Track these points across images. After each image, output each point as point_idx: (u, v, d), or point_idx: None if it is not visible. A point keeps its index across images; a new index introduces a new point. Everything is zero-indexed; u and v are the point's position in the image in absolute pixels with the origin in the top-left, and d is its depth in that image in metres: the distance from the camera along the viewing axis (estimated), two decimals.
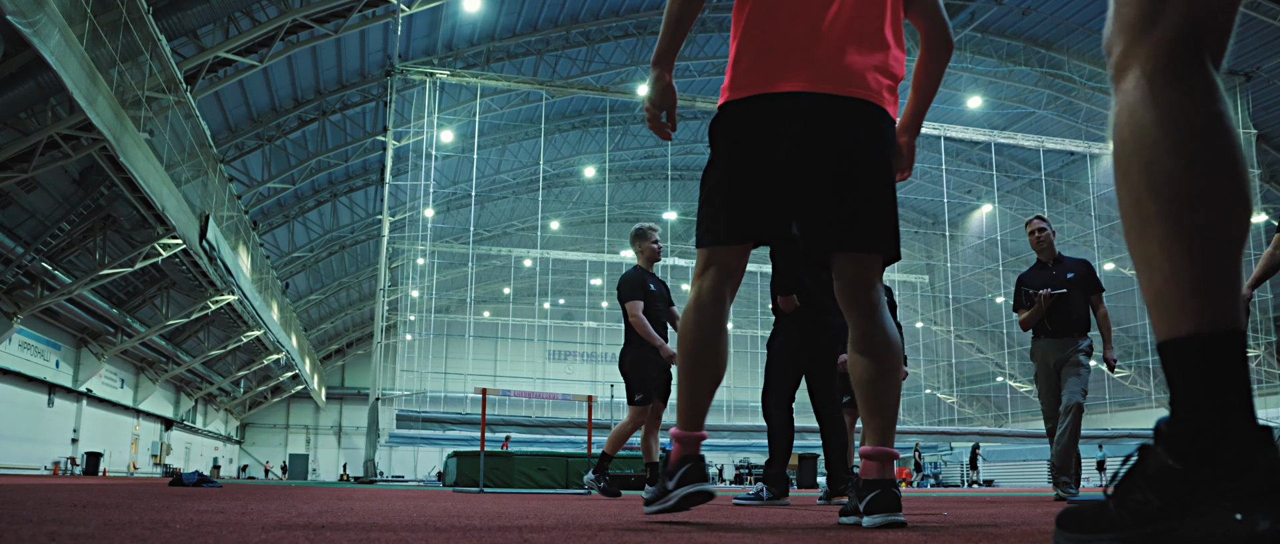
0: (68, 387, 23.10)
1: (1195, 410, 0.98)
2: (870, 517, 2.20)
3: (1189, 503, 0.96)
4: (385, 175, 23.18)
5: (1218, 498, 0.93)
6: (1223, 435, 0.95)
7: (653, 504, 2.42)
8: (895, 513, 2.19)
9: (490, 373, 40.91)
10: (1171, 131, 1.01)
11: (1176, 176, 1.00)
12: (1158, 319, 1.02)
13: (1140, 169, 1.02)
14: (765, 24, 2.32)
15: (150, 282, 23.94)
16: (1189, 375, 0.98)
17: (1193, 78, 1.03)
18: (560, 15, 24.76)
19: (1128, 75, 1.07)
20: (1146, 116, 1.03)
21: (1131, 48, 1.07)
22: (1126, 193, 1.05)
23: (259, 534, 1.61)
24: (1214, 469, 0.95)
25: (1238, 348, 0.98)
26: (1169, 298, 1.00)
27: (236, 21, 18.15)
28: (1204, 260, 0.99)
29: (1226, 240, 0.99)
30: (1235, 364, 0.97)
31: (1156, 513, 1.00)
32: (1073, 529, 1.13)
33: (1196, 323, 0.98)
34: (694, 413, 2.39)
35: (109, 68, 12.92)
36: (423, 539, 1.58)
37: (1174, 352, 1.00)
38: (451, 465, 12.37)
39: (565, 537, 1.71)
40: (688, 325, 2.36)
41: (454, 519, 2.38)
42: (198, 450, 36.80)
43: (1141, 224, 1.02)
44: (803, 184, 2.29)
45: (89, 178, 17.97)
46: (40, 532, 1.54)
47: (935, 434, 31.56)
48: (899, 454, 2.39)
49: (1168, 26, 1.04)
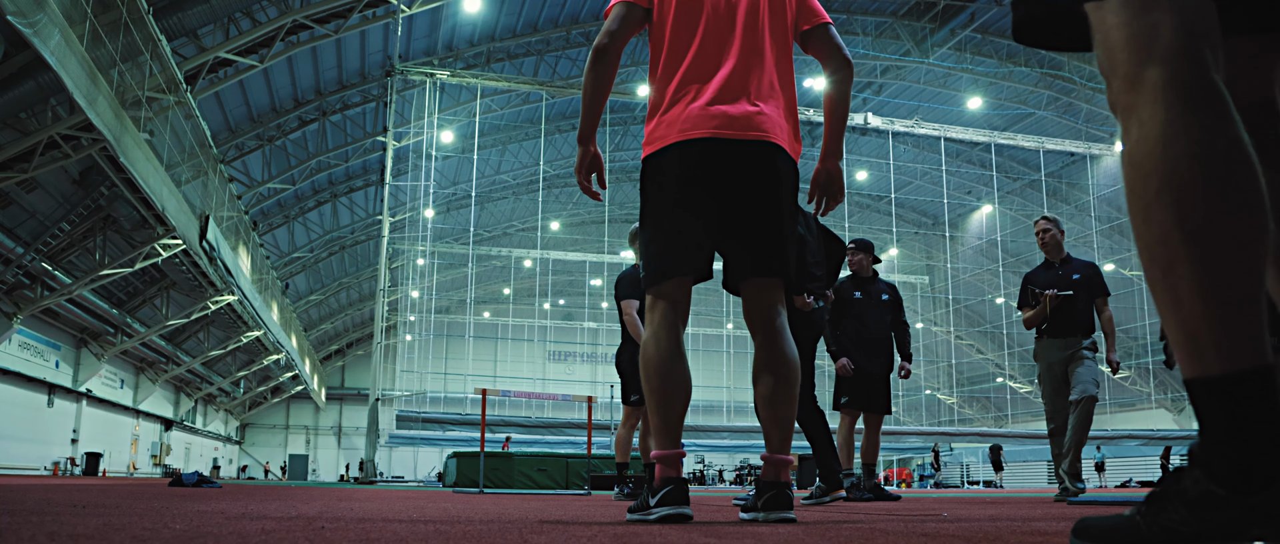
0: (67, 387, 23.10)
1: (1236, 440, 0.99)
2: (767, 514, 2.50)
3: (1222, 530, 0.98)
4: (385, 176, 23.19)
5: (1249, 529, 0.96)
6: (1263, 468, 0.97)
7: (634, 514, 2.56)
8: (787, 511, 2.50)
9: (490, 373, 40.92)
10: (1198, 165, 0.98)
11: (1207, 215, 0.98)
12: (1188, 358, 1.01)
13: (1168, 206, 0.99)
14: (673, 86, 2.64)
15: (150, 282, 23.94)
16: (1226, 410, 0.99)
17: (1210, 100, 1.00)
18: (560, 15, 24.77)
19: (1139, 103, 1.03)
20: (1171, 149, 0.99)
21: (1136, 72, 1.03)
22: (1149, 229, 1.02)
23: (258, 536, 1.61)
24: (1254, 499, 0.96)
25: (1273, 383, 0.98)
26: (1203, 339, 0.99)
27: (237, 22, 18.15)
28: (1235, 301, 0.98)
29: (1258, 278, 0.99)
30: (1272, 397, 0.98)
31: (1191, 536, 1.00)
32: (1095, 539, 1.11)
33: (1232, 361, 0.98)
34: (670, 433, 2.59)
35: (109, 68, 12.93)
36: (422, 540, 1.58)
37: (1208, 390, 1.00)
38: (451, 466, 12.37)
39: (565, 537, 1.71)
40: (649, 356, 2.60)
41: (454, 519, 2.38)
42: (197, 451, 36.79)
43: (1170, 262, 1.00)
44: (718, 220, 2.61)
45: (89, 178, 17.97)
46: (40, 532, 1.54)
47: (935, 435, 31.54)
48: (794, 460, 2.56)
49: (1167, 45, 1.02)
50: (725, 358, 37.84)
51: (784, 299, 2.71)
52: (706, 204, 2.59)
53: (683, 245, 2.61)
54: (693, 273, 2.64)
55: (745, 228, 2.63)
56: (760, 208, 2.61)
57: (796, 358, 2.66)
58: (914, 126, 26.31)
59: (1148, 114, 1.02)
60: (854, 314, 6.44)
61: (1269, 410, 0.97)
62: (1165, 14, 1.02)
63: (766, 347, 2.65)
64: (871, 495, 6.25)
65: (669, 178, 2.60)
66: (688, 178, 2.58)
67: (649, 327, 2.64)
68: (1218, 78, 1.02)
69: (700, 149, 2.57)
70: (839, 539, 1.78)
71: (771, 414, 2.63)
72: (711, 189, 2.59)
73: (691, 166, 2.58)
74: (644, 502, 2.56)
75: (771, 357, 2.64)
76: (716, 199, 2.60)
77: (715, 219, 2.62)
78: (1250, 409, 0.98)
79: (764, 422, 2.65)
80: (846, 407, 6.43)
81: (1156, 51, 1.01)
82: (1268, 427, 0.97)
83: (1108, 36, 1.06)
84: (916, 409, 45.12)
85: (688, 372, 2.62)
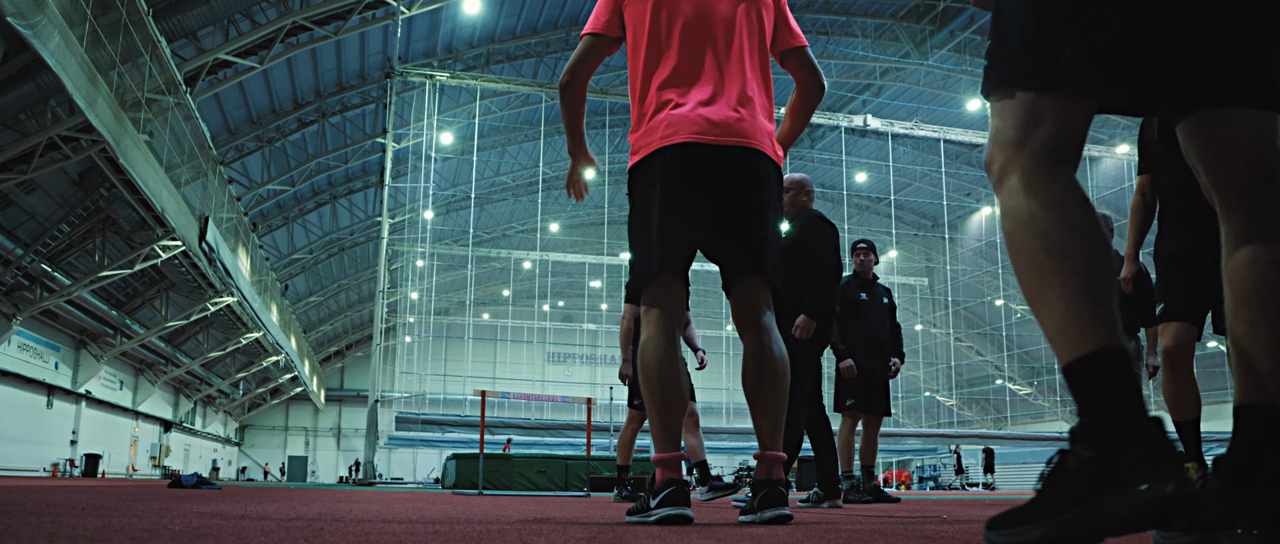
0: (67, 388, 23.09)
1: (1103, 410, 1.20)
2: (763, 512, 2.52)
3: (1106, 485, 1.15)
4: (385, 177, 23.18)
5: (1128, 476, 1.14)
6: (1126, 427, 1.17)
7: (633, 516, 2.57)
8: (782, 507, 2.52)
9: (489, 375, 40.90)
10: (1053, 211, 1.28)
11: (1063, 241, 1.26)
12: (1061, 347, 1.25)
13: (1034, 238, 1.28)
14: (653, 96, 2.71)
15: (149, 283, 23.93)
16: (1094, 385, 1.21)
17: (1061, 178, 1.31)
18: (560, 17, 24.78)
19: (1011, 178, 1.33)
20: (1033, 203, 1.29)
21: (1011, 158, 1.33)
22: (1023, 259, 1.30)
23: (258, 537, 1.61)
24: (1123, 453, 1.15)
25: (1126, 360, 1.21)
26: (1069, 330, 1.24)
27: (236, 23, 18.16)
28: (1092, 299, 1.24)
29: (1105, 281, 1.26)
30: (1127, 371, 1.21)
31: (1079, 497, 1.17)
32: (1001, 527, 1.27)
33: (1095, 344, 1.22)
34: (669, 437, 2.62)
35: (109, 69, 12.93)
36: (421, 541, 1.58)
37: (1083, 367, 1.22)
38: (450, 468, 12.35)
39: (564, 538, 1.71)
40: (648, 361, 2.62)
41: (453, 521, 2.38)
42: (197, 452, 36.77)
43: (1042, 279, 1.27)
44: (704, 222, 2.68)
45: (88, 179, 17.96)
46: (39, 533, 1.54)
47: (934, 437, 31.54)
48: (784, 456, 2.63)
49: (1037, 141, 1.32)
50: (725, 359, 37.80)
51: (770, 299, 2.76)
52: (692, 207, 2.65)
53: (669, 247, 2.64)
54: (682, 271, 2.69)
55: (730, 230, 2.69)
56: (744, 210, 2.68)
57: (784, 356, 2.70)
58: (913, 128, 26.31)
59: (1016, 182, 1.32)
60: (859, 315, 6.43)
61: (1127, 378, 1.20)
62: (1042, 115, 1.33)
63: (754, 345, 2.71)
64: (871, 497, 6.25)
65: (654, 183, 2.65)
66: (672, 182, 2.63)
67: (644, 330, 2.67)
68: (1068, 162, 1.33)
69: (683, 154, 2.62)
70: (838, 540, 1.78)
71: (761, 412, 2.67)
72: (696, 192, 2.64)
73: (676, 171, 2.62)
74: (644, 503, 2.56)
75: (759, 355, 2.69)
76: (701, 202, 2.65)
77: (701, 221, 2.67)
78: (1112, 378, 1.20)
79: (754, 420, 2.68)
80: (850, 409, 6.41)
81: (1029, 144, 1.32)
82: (1127, 390, 1.19)
83: (999, 134, 1.36)
84: (916, 411, 45.11)
85: (682, 373, 2.66)
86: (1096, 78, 1.34)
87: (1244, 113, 1.36)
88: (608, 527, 2.22)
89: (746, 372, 2.71)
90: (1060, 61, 1.34)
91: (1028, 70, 1.35)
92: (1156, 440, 1.15)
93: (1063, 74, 1.33)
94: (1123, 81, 1.36)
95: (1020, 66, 1.36)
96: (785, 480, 2.64)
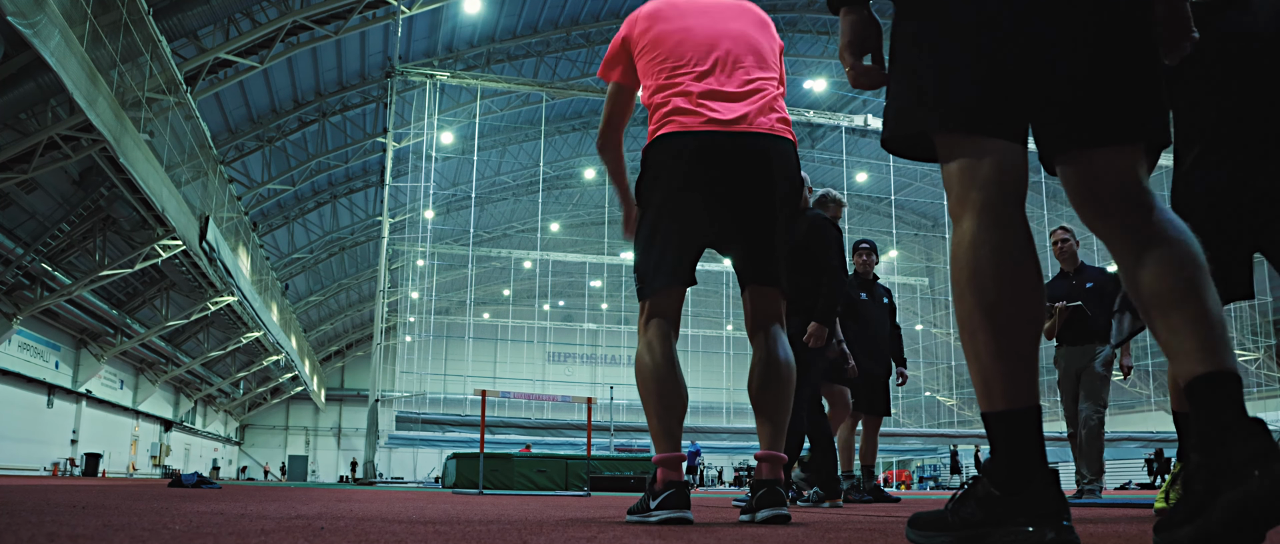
0: (67, 387, 23.10)
1: (1006, 459, 1.40)
2: (761, 511, 2.56)
3: (1000, 519, 1.38)
4: (385, 177, 23.17)
5: (1017, 517, 1.36)
6: (1026, 476, 1.38)
7: (634, 515, 2.58)
8: (780, 507, 2.57)
9: (490, 375, 40.91)
10: (994, 266, 1.42)
11: (997, 302, 1.41)
12: (982, 395, 1.43)
13: (973, 292, 1.42)
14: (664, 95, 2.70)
15: (150, 283, 23.93)
16: (1002, 436, 1.41)
17: (1010, 222, 1.43)
18: (560, 17, 24.77)
19: (963, 218, 1.45)
20: (977, 252, 1.42)
21: (963, 197, 1.46)
22: (962, 306, 1.44)
23: (258, 536, 1.61)
24: (1016, 497, 1.37)
25: (1036, 417, 1.40)
26: (991, 383, 1.41)
27: (237, 23, 18.15)
28: (1015, 361, 1.40)
29: (1030, 344, 1.42)
30: (1034, 428, 1.40)
31: (979, 522, 1.42)
32: (919, 528, 1.53)
33: (1007, 404, 1.40)
34: (670, 438, 2.64)
35: (109, 69, 12.92)
36: (421, 540, 1.58)
37: (995, 420, 1.42)
38: (450, 467, 12.36)
39: (564, 538, 1.71)
40: (644, 364, 2.65)
41: (453, 520, 2.38)
42: (197, 452, 36.78)
43: (974, 330, 1.43)
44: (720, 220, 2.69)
45: (89, 179, 17.97)
46: (39, 532, 1.54)
47: (934, 437, 31.54)
48: (785, 457, 2.66)
49: (986, 186, 1.45)
50: (724, 359, 37.83)
51: (781, 306, 2.81)
52: (704, 204, 2.66)
53: (678, 256, 2.68)
54: (681, 284, 2.70)
55: (743, 233, 2.73)
56: (757, 214, 2.70)
57: (790, 361, 2.75)
58: None
59: (966, 225, 1.44)
60: (859, 316, 6.43)
61: (1032, 436, 1.40)
62: (985, 159, 1.46)
63: (762, 350, 2.77)
64: (871, 497, 6.26)
65: (662, 179, 2.67)
66: (686, 172, 2.64)
67: (643, 336, 2.71)
68: (1016, 204, 1.45)
69: (699, 142, 2.62)
70: (838, 540, 1.79)
71: (764, 415, 2.72)
72: (709, 186, 2.64)
73: (689, 161, 2.63)
74: (644, 503, 2.56)
75: (767, 360, 2.74)
76: (715, 199, 2.66)
77: (714, 219, 2.69)
78: (1020, 435, 1.40)
79: (758, 421, 2.73)
80: (852, 409, 6.41)
81: (976, 183, 1.45)
82: (1030, 448, 1.39)
83: (948, 166, 1.49)
84: (916, 411, 45.10)
85: (682, 377, 2.69)
86: (993, 122, 1.47)
87: (1107, 151, 1.48)
88: (608, 527, 2.22)
89: (753, 375, 2.76)
90: (967, 106, 1.47)
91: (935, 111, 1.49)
92: (1045, 491, 1.36)
93: (967, 118, 1.47)
94: (1014, 125, 1.49)
95: (949, 110, 1.49)
96: (785, 480, 2.68)
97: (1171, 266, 1.41)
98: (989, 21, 1.47)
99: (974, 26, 1.47)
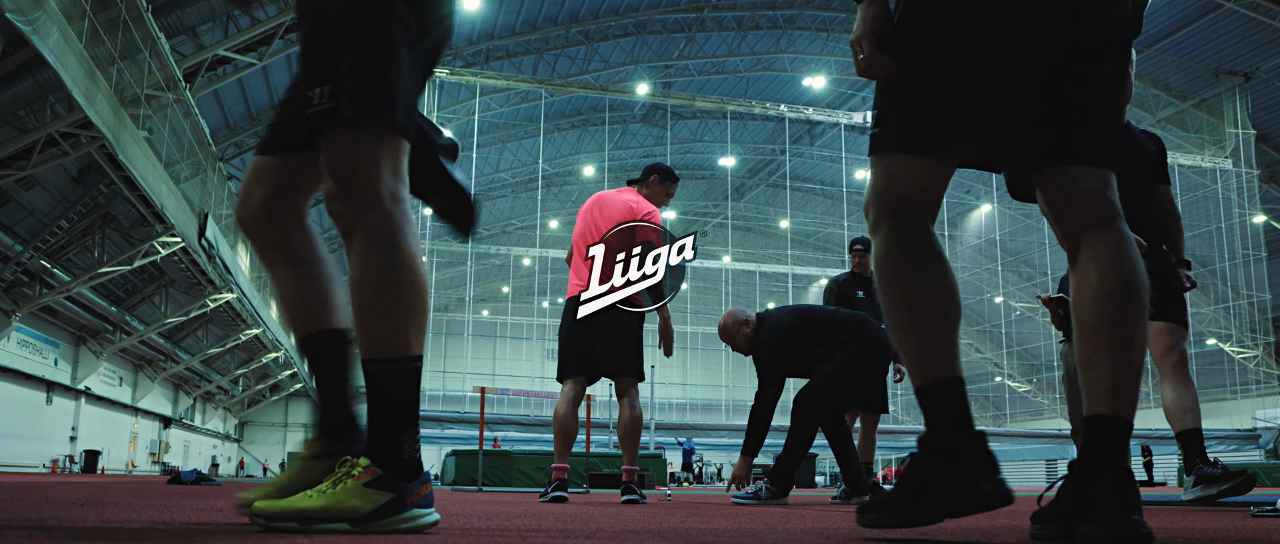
0: (66, 385, 23.08)
1: (940, 426, 1.59)
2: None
3: (938, 484, 1.55)
4: None
5: (955, 479, 1.54)
6: (955, 438, 1.56)
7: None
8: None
9: (489, 372, 40.91)
10: (912, 266, 1.65)
11: (918, 293, 1.64)
12: (914, 375, 1.64)
13: (898, 286, 1.65)
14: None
15: (149, 280, 23.92)
16: (934, 406, 1.61)
17: (920, 235, 1.66)
18: (559, 14, 24.75)
19: (881, 230, 1.68)
20: (897, 256, 1.66)
21: (879, 215, 1.68)
22: (888, 300, 1.68)
23: (257, 533, 1.61)
24: (952, 462, 1.55)
25: (957, 386, 1.60)
26: (916, 363, 1.63)
27: (236, 19, 18.13)
28: (937, 340, 1.63)
29: (948, 326, 1.65)
30: (960, 396, 1.60)
31: (917, 493, 1.58)
32: (866, 513, 1.72)
33: (936, 375, 1.61)
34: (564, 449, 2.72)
35: (108, 65, 12.91)
36: (421, 539, 1.58)
37: (922, 394, 1.62)
38: (449, 464, 12.36)
39: (563, 537, 1.71)
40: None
41: (452, 517, 2.38)
42: (196, 449, 36.78)
43: (897, 324, 1.66)
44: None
45: (88, 176, 17.95)
46: (38, 529, 1.54)
47: None
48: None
49: (897, 205, 1.66)
50: (724, 358, 37.82)
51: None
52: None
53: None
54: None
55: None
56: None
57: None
58: None
59: (883, 237, 1.68)
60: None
61: (955, 401, 1.59)
62: (896, 175, 1.67)
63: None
64: (870, 495, 6.26)
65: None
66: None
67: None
68: (923, 215, 1.67)
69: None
70: (838, 539, 1.79)
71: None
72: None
73: None
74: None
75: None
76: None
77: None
78: (944, 401, 1.60)
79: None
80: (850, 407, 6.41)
81: (888, 197, 1.67)
82: (955, 412, 1.58)
83: (870, 190, 1.71)
84: (915, 408, 45.05)
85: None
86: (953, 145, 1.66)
87: (1077, 170, 1.64)
88: (606, 526, 2.22)
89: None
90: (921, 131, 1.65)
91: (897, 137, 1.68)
92: (978, 450, 1.55)
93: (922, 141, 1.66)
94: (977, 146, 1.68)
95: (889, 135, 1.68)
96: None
97: (1101, 300, 1.57)
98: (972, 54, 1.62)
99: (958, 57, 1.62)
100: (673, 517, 2.69)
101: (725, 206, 34.45)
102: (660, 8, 25.32)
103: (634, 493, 4.79)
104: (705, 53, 26.62)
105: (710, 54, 26.69)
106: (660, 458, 13.70)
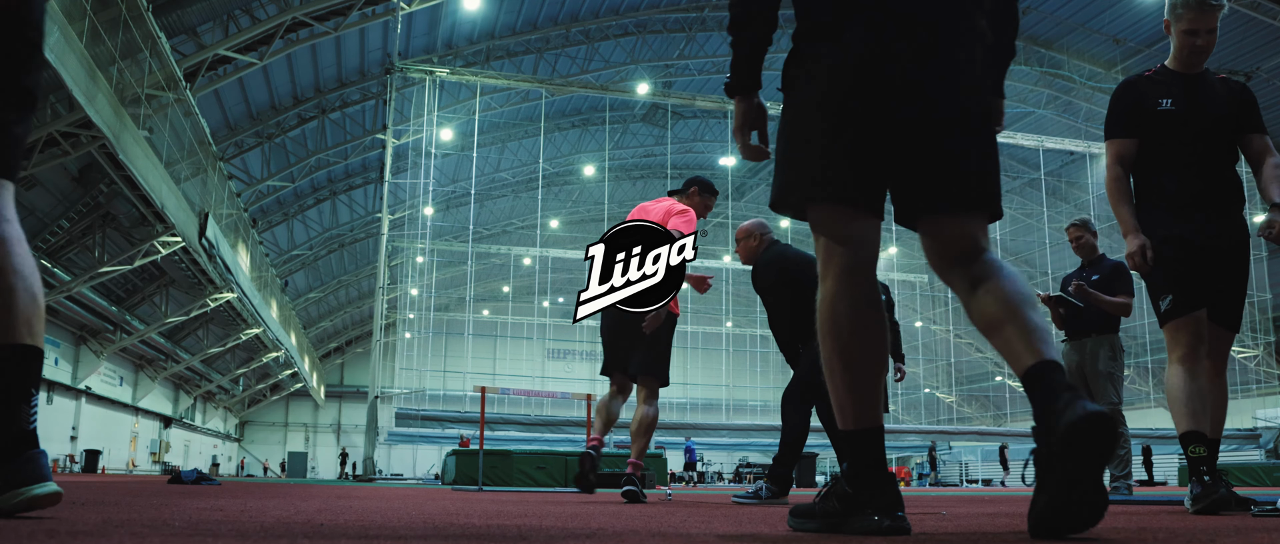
0: (67, 384, 23.09)
1: (856, 466, 1.83)
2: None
3: (852, 511, 1.82)
4: (385, 173, 23.16)
5: (867, 508, 1.79)
6: (869, 481, 1.81)
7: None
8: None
9: (489, 371, 40.90)
10: (849, 320, 1.83)
11: (850, 348, 1.83)
12: (840, 418, 1.85)
13: (834, 338, 1.84)
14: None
15: (149, 279, 23.93)
16: (853, 449, 1.84)
17: (862, 287, 1.85)
18: (560, 14, 24.74)
19: (827, 280, 1.86)
20: (836, 308, 1.84)
21: (826, 264, 1.87)
22: (824, 349, 1.85)
23: (257, 532, 1.61)
24: (864, 494, 1.80)
25: (878, 435, 1.84)
26: (844, 408, 1.85)
27: (236, 19, 18.14)
28: (861, 393, 1.84)
29: (874, 379, 1.85)
30: (876, 443, 1.84)
31: (838, 513, 1.86)
32: (796, 516, 1.96)
33: (858, 424, 1.84)
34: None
35: (108, 65, 12.91)
36: (420, 537, 1.58)
37: (846, 437, 1.84)
38: (450, 463, 12.36)
39: (563, 537, 1.71)
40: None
41: (453, 516, 2.38)
42: (197, 448, 36.79)
43: (832, 368, 1.85)
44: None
45: (88, 175, 17.95)
46: (39, 529, 1.54)
47: (934, 434, 31.55)
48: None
49: (842, 257, 1.85)
50: (725, 357, 37.81)
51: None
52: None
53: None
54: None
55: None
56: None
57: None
58: None
59: (829, 287, 1.86)
60: None
61: (873, 449, 1.83)
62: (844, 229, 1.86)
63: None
64: None
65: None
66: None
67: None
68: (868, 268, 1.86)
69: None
70: (837, 538, 1.79)
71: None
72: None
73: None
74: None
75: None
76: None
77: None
78: (865, 448, 1.83)
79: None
80: None
81: (835, 259, 1.86)
82: (872, 457, 1.83)
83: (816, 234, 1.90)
84: (915, 408, 45.13)
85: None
86: (857, 196, 1.84)
87: (951, 217, 1.88)
88: (606, 525, 2.22)
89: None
90: (835, 180, 1.84)
91: (778, 192, 1.92)
92: (884, 490, 1.79)
93: (838, 190, 1.84)
94: (875, 196, 1.86)
95: (815, 186, 1.86)
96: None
97: (998, 296, 1.79)
98: (854, 112, 1.81)
99: (841, 115, 1.82)
100: (673, 516, 2.70)
101: (726, 206, 34.45)
102: (660, 7, 25.32)
103: (634, 486, 4.82)
104: (705, 52, 26.62)
105: (710, 54, 26.69)
106: (660, 457, 13.71)
